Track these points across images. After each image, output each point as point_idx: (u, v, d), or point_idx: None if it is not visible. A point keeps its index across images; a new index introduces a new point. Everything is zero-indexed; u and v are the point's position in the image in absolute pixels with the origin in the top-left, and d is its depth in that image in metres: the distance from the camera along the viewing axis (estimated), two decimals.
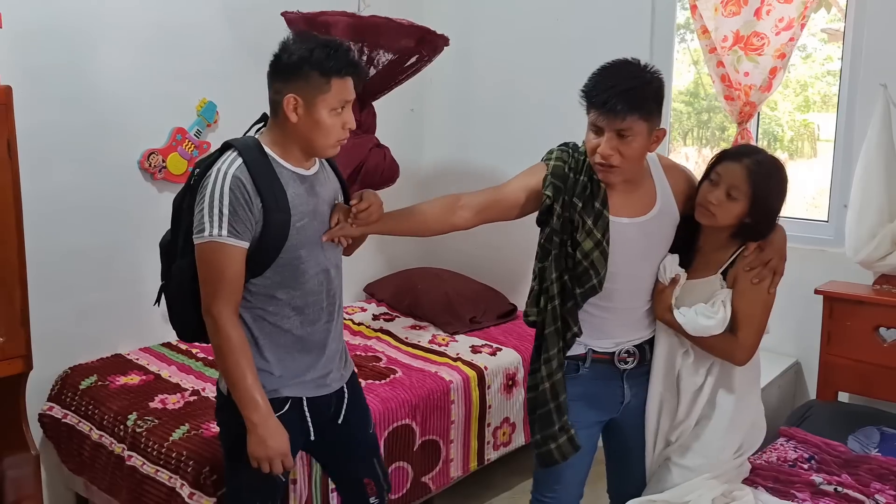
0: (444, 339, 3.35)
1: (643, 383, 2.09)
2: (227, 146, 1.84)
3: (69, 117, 2.84)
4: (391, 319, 3.61)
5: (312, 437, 1.99)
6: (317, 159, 1.93)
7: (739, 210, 1.91)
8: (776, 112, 3.63)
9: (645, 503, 2.03)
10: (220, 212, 1.74)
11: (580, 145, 2.01)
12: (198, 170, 1.84)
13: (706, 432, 2.04)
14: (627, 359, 2.04)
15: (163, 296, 1.96)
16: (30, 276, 2.37)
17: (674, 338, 2.05)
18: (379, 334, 3.40)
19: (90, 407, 2.71)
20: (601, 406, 2.09)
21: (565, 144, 2.05)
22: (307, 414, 1.96)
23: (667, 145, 3.50)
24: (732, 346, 1.96)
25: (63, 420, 2.77)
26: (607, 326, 2.03)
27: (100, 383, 2.80)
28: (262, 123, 1.92)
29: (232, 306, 1.79)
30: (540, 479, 2.16)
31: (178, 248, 1.87)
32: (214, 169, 1.78)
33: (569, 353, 2.03)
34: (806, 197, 3.54)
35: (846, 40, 3.00)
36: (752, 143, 3.13)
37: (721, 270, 1.99)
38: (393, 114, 3.30)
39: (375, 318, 3.62)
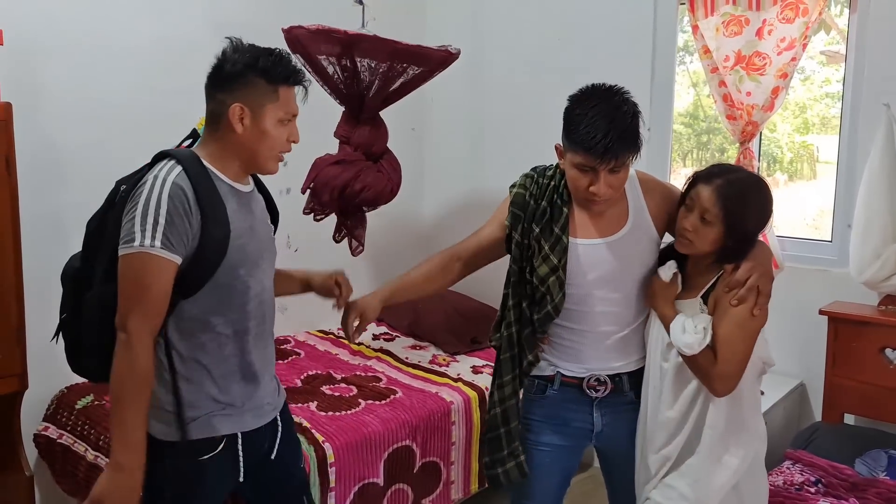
0: (444, 360, 3.32)
1: (620, 413, 1.99)
2: (161, 156, 1.72)
3: (69, 135, 2.83)
4: (391, 339, 3.59)
5: (241, 479, 1.81)
6: (250, 179, 1.83)
7: (715, 234, 1.81)
8: (775, 134, 3.63)
9: None
10: (156, 220, 1.58)
11: (548, 168, 2.00)
12: (124, 186, 1.70)
13: (688, 468, 1.89)
14: (598, 387, 1.96)
15: (61, 333, 1.79)
16: (27, 294, 2.35)
17: (652, 367, 1.94)
18: (379, 354, 3.37)
19: (86, 427, 2.67)
20: (567, 432, 2.02)
21: (533, 170, 2.03)
22: (240, 453, 1.79)
23: (667, 166, 3.50)
24: (711, 371, 1.81)
25: (58, 440, 2.72)
26: (578, 351, 1.97)
27: (96, 403, 2.76)
28: (192, 141, 1.82)
29: (150, 326, 1.61)
30: (514, 499, 2.15)
31: (93, 275, 1.69)
32: (150, 176, 1.64)
33: (538, 374, 2.01)
34: (806, 218, 3.53)
35: (847, 61, 3.00)
36: (755, 162, 3.13)
37: (702, 294, 1.88)
38: (392, 133, 3.29)
39: (375, 337, 3.60)
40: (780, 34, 2.96)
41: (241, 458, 1.79)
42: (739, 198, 1.81)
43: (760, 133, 3.21)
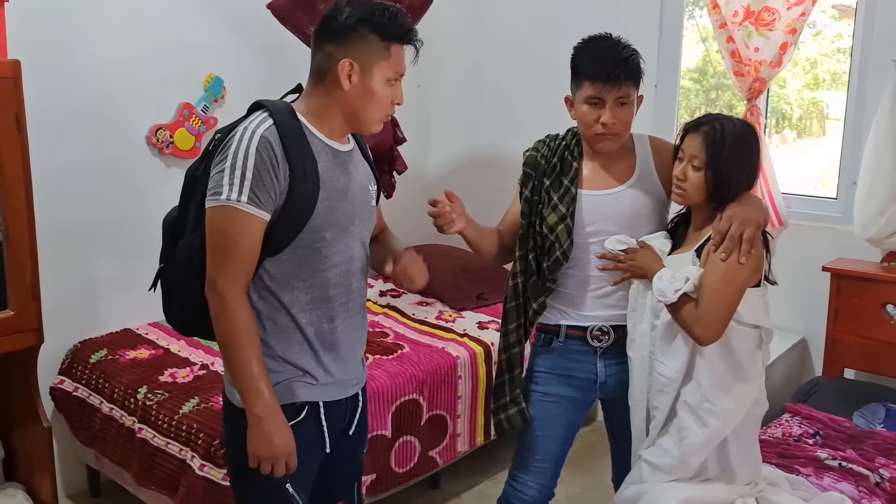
0: (451, 316, 3.36)
1: (624, 363, 2.04)
2: (256, 106, 1.66)
3: (77, 92, 2.84)
4: (398, 296, 3.63)
5: (328, 450, 1.74)
6: (350, 138, 1.75)
7: (703, 180, 1.85)
8: (785, 90, 3.60)
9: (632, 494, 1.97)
10: (243, 174, 1.53)
11: (560, 134, 2.12)
12: (219, 135, 1.65)
13: (675, 427, 1.92)
14: (601, 337, 2.04)
15: (160, 281, 1.75)
16: (40, 251, 2.38)
17: (643, 328, 1.96)
18: (386, 310, 3.41)
19: (100, 380, 2.74)
20: (573, 383, 2.09)
21: (547, 136, 2.14)
22: (324, 422, 1.72)
23: (674, 123, 3.49)
24: (691, 316, 1.81)
25: (74, 393, 2.80)
26: (580, 298, 2.05)
27: (110, 357, 2.82)
28: (297, 96, 1.73)
29: (241, 283, 1.58)
30: (517, 451, 2.18)
31: (186, 224, 1.67)
32: (241, 128, 1.59)
33: (544, 324, 2.10)
34: (814, 176, 3.53)
35: (858, 16, 2.97)
36: (762, 119, 3.11)
37: (695, 248, 1.90)
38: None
39: (382, 294, 3.64)
40: None
41: (325, 429, 1.72)
42: (723, 141, 1.84)
43: (768, 90, 3.19)
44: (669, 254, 1.97)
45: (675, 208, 2.10)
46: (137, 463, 2.53)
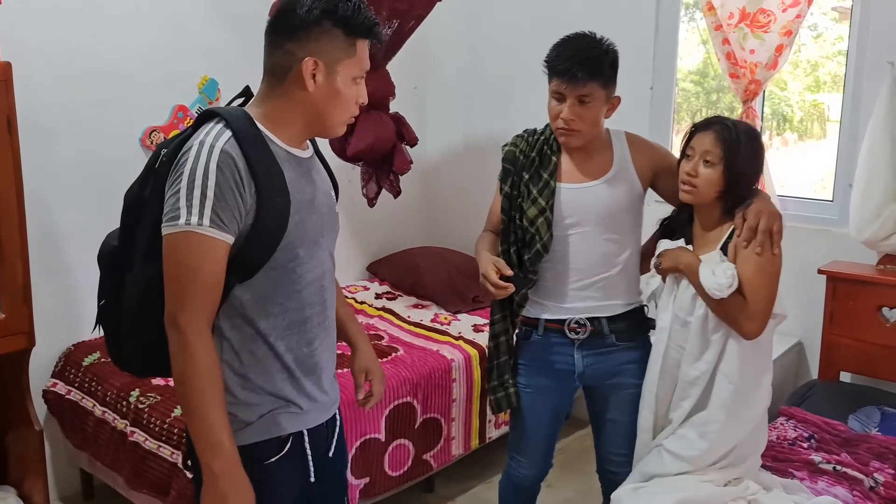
0: (446, 318, 3.35)
1: (601, 354, 2.12)
2: (209, 115, 1.49)
3: (70, 94, 2.84)
4: (394, 298, 3.62)
5: (313, 479, 1.61)
6: (308, 142, 1.61)
7: (717, 175, 1.90)
8: (786, 92, 3.59)
9: (630, 491, 1.99)
10: (203, 194, 1.36)
11: (539, 129, 2.16)
12: (165, 149, 1.47)
13: (699, 419, 1.95)
14: (578, 329, 2.11)
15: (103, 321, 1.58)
16: (31, 254, 2.39)
17: (674, 324, 2.00)
18: (381, 313, 3.41)
19: (93, 383, 2.73)
20: (552, 374, 2.17)
21: (524, 130, 2.19)
22: (308, 451, 1.60)
23: (670, 124, 3.48)
24: (742, 312, 1.86)
25: (67, 396, 2.79)
26: (560, 290, 2.11)
27: (102, 360, 2.81)
28: (244, 98, 1.59)
29: (205, 317, 1.41)
30: (511, 435, 2.32)
31: (131, 256, 1.48)
32: (195, 142, 1.41)
33: (526, 317, 2.18)
34: (815, 178, 3.51)
35: (853, 17, 2.96)
36: (758, 121, 3.10)
37: (720, 246, 1.93)
38: (396, 91, 3.28)
39: (378, 296, 3.63)
40: None
41: (309, 458, 1.60)
42: (738, 140, 1.90)
43: (764, 92, 3.18)
44: None
45: (658, 210, 2.16)
46: (129, 466, 2.52)
